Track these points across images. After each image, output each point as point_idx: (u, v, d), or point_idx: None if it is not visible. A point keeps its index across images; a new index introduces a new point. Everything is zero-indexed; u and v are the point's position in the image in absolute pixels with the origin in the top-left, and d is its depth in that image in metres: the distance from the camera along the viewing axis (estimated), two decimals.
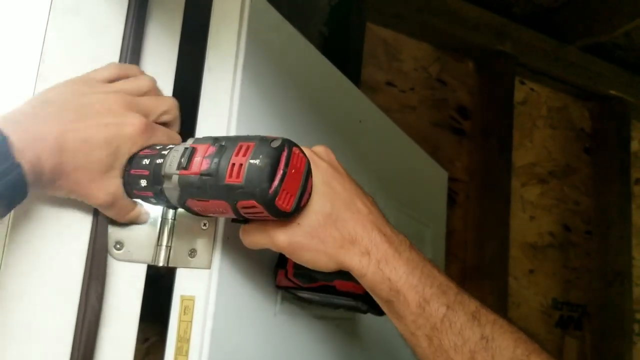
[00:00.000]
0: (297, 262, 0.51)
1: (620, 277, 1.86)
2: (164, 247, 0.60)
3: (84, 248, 0.56)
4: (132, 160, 0.53)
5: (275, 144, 0.46)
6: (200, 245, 0.60)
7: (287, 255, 0.51)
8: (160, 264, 0.60)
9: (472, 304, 0.47)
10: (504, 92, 1.75)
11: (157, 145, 0.54)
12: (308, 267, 0.51)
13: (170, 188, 0.51)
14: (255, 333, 0.65)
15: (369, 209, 0.51)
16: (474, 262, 1.61)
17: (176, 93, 0.66)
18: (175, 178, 0.50)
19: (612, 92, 1.95)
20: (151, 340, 0.90)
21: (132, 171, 0.53)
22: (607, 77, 1.94)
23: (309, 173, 0.48)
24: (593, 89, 1.93)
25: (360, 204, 0.51)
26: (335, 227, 0.49)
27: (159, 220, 0.61)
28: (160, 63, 0.65)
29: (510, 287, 1.68)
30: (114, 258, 0.58)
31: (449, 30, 1.66)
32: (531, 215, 1.81)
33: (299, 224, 0.49)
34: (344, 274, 0.51)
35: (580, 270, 1.88)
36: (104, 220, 0.58)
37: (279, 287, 0.65)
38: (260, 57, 0.68)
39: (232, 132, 0.63)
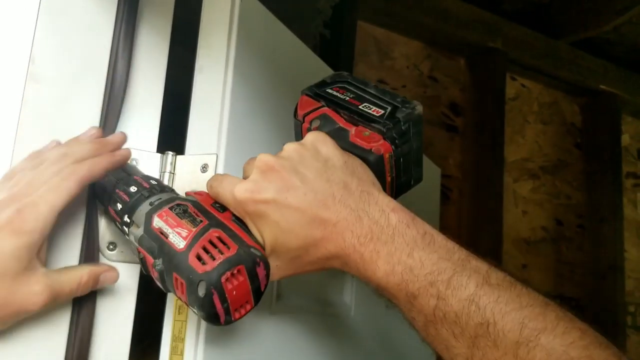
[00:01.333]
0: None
1: (612, 271, 1.87)
2: None
3: (77, 248, 0.56)
4: (123, 179, 0.54)
5: (202, 291, 0.43)
6: None
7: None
8: None
9: (471, 284, 0.42)
10: (496, 89, 1.75)
11: (153, 180, 0.55)
12: None
13: (134, 234, 0.50)
14: (251, 331, 0.65)
15: (337, 213, 0.47)
16: None
17: (167, 94, 0.67)
18: (139, 233, 0.49)
19: (602, 87, 1.96)
20: (146, 342, 0.90)
21: (118, 191, 0.53)
22: (597, 72, 1.95)
23: (252, 268, 0.45)
24: (583, 84, 1.94)
25: (325, 213, 0.47)
26: (308, 255, 0.48)
27: None
28: (151, 63, 0.66)
29: None
30: (107, 259, 0.58)
31: (440, 27, 1.66)
32: (523, 211, 1.82)
33: (277, 265, 0.49)
34: None
35: (573, 264, 1.89)
36: (96, 221, 0.58)
37: None
38: (251, 57, 0.68)
39: (224, 134, 0.63)
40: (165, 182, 0.63)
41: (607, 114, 1.99)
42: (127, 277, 0.59)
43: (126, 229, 0.51)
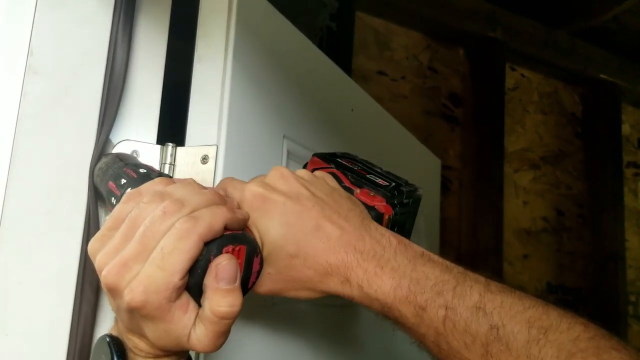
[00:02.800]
0: (287, 297, 0.50)
1: (613, 260, 1.87)
2: None
3: (78, 241, 0.56)
4: (115, 171, 0.52)
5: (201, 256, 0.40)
6: None
7: (274, 294, 0.49)
8: None
9: (475, 293, 0.43)
10: (495, 79, 1.75)
11: (142, 168, 0.52)
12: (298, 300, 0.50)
13: None
14: (253, 323, 0.65)
15: (341, 228, 0.47)
16: (468, 249, 1.61)
17: (166, 84, 0.66)
18: None
19: (602, 76, 1.95)
20: None
21: (111, 184, 0.51)
22: (597, 61, 1.94)
23: (251, 255, 0.44)
24: (583, 73, 1.94)
25: (330, 226, 0.47)
26: (306, 265, 0.47)
27: None
28: (150, 54, 0.65)
29: (505, 272, 1.69)
30: None
31: (439, 18, 1.65)
32: (524, 201, 1.82)
33: (269, 273, 0.47)
34: None
35: (574, 254, 1.89)
36: (96, 221, 0.57)
37: None
38: (250, 46, 0.68)
39: (224, 125, 0.62)
40: (165, 173, 0.62)
41: (608, 103, 1.99)
42: None
43: None
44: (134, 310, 0.38)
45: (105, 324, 0.56)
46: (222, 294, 0.40)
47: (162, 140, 0.64)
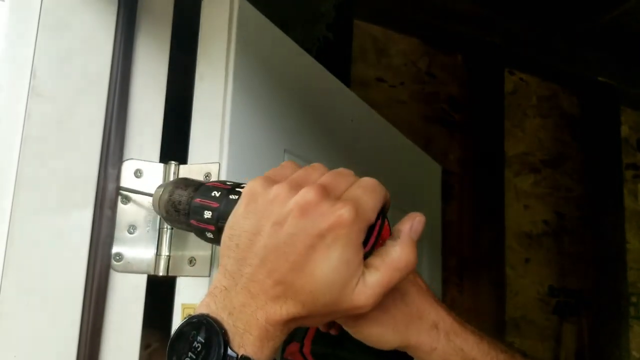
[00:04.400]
0: (357, 336, 0.45)
1: (614, 262, 1.87)
2: (163, 257, 0.61)
3: (84, 260, 0.57)
4: (199, 189, 0.50)
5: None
6: (199, 253, 0.60)
7: (348, 325, 0.45)
8: (160, 274, 0.61)
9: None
10: (494, 83, 1.76)
11: (228, 181, 0.51)
12: (367, 343, 0.45)
13: None
14: None
15: (427, 286, 0.49)
16: (470, 254, 1.62)
17: (169, 103, 0.67)
18: None
19: (601, 78, 1.96)
20: (153, 346, 0.91)
21: (197, 199, 0.49)
22: (595, 64, 1.95)
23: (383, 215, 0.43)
24: (581, 76, 1.94)
25: (420, 281, 0.49)
26: (404, 301, 0.46)
27: (157, 230, 0.62)
28: (151, 74, 0.66)
29: (507, 276, 1.69)
30: (114, 270, 0.59)
31: (436, 23, 1.66)
32: (525, 205, 1.83)
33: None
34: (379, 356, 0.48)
35: (575, 256, 1.90)
36: (102, 232, 0.58)
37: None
38: (250, 63, 0.69)
39: (226, 142, 0.63)
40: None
41: (606, 105, 1.99)
42: (135, 287, 0.60)
43: None
44: (338, 227, 0.37)
45: (111, 341, 0.57)
46: (412, 244, 0.41)
47: (165, 158, 0.65)
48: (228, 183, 0.49)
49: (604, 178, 1.93)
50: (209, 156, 0.63)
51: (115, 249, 0.59)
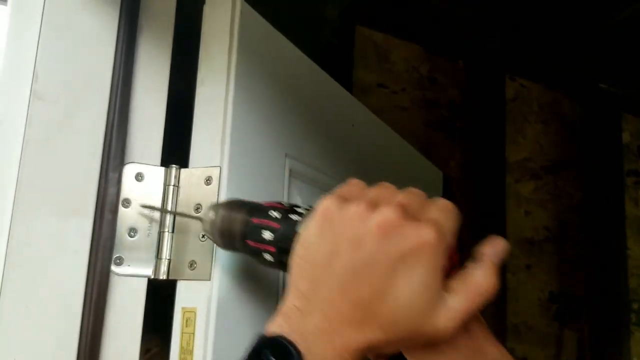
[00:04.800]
0: None
1: (615, 268, 1.87)
2: (164, 260, 0.61)
3: (84, 264, 0.57)
4: (255, 209, 0.50)
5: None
6: (200, 256, 0.60)
7: (415, 355, 0.43)
8: (161, 277, 0.61)
9: None
10: (495, 89, 1.76)
11: (283, 202, 0.50)
12: None
13: None
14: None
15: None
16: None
17: (170, 105, 0.67)
18: None
19: (602, 85, 1.96)
20: (153, 351, 0.90)
21: (255, 220, 0.48)
22: (597, 70, 1.95)
23: None
24: (583, 83, 1.94)
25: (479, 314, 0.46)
26: (468, 334, 0.43)
27: (158, 234, 0.62)
28: (153, 77, 0.66)
29: (508, 282, 1.69)
30: (114, 273, 0.59)
31: (437, 30, 1.67)
32: (526, 211, 1.83)
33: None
34: None
35: (576, 262, 1.89)
36: (102, 235, 0.58)
37: None
38: (252, 68, 0.69)
39: (227, 146, 0.63)
40: (170, 195, 0.63)
41: (607, 112, 1.99)
42: (135, 290, 0.59)
43: (284, 256, 0.45)
44: (421, 248, 0.36)
45: (111, 344, 0.57)
46: (495, 269, 0.39)
47: (166, 162, 0.65)
48: (284, 204, 0.49)
49: (605, 184, 1.93)
50: (210, 160, 0.63)
51: (115, 253, 0.59)
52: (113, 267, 0.59)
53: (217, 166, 0.63)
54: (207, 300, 0.58)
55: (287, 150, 0.76)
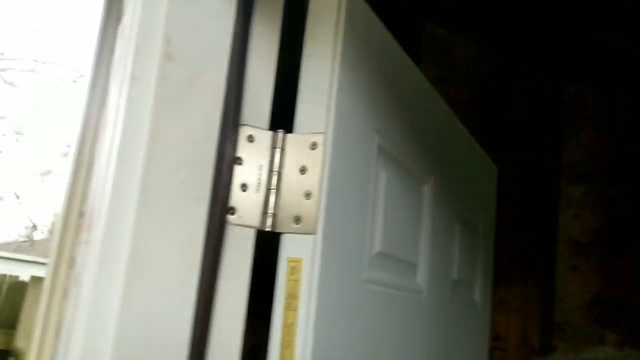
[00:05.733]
0: None
1: None
2: (270, 215, 0.67)
3: (205, 211, 0.63)
4: None
5: None
6: (305, 213, 0.66)
7: None
8: (267, 229, 0.66)
9: None
10: (552, 93, 1.78)
11: None
12: None
13: None
14: (351, 292, 0.71)
15: None
16: (521, 257, 1.64)
17: (277, 74, 0.73)
18: None
19: None
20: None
21: None
22: None
23: None
24: (636, 87, 1.95)
25: None
26: None
27: (266, 190, 0.67)
28: (265, 47, 0.72)
29: (555, 282, 1.71)
30: (229, 222, 0.64)
31: (499, 32, 1.70)
32: (576, 213, 1.84)
33: None
34: None
35: (621, 267, 1.90)
36: (220, 188, 0.64)
37: None
38: (355, 46, 0.74)
39: (332, 114, 0.68)
40: (277, 157, 0.69)
41: None
42: (245, 239, 0.65)
43: None
44: None
45: (223, 283, 0.62)
46: None
47: (273, 127, 0.70)
48: None
49: None
50: (315, 127, 0.69)
51: (230, 203, 0.65)
52: (228, 217, 0.64)
53: (323, 133, 0.68)
54: (312, 251, 0.64)
55: (377, 127, 0.81)
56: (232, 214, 0.65)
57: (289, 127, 0.71)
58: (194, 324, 0.59)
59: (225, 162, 0.65)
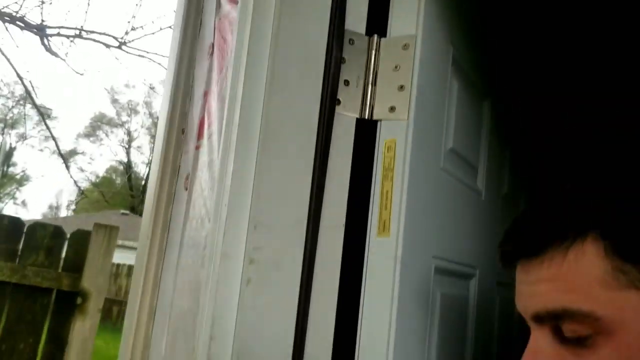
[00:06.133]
0: None
1: None
2: (368, 105, 0.80)
3: (317, 100, 0.76)
4: None
5: None
6: (399, 102, 0.78)
7: None
8: (366, 117, 0.79)
9: None
10: None
11: None
12: None
13: None
14: (432, 174, 0.85)
15: None
16: None
17: None
18: None
19: None
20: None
21: None
22: None
23: None
24: None
25: None
26: None
27: (363, 84, 0.80)
28: None
29: None
30: (336, 112, 0.78)
31: None
32: None
33: None
34: None
35: None
36: (330, 82, 0.77)
37: None
38: None
39: (421, 17, 0.80)
40: (373, 56, 0.81)
41: None
42: (348, 125, 0.79)
43: None
44: None
45: (332, 161, 0.76)
46: None
47: (369, 31, 0.82)
48: None
49: None
50: (407, 30, 0.81)
51: (337, 96, 0.78)
52: (336, 106, 0.78)
53: (414, 35, 0.80)
54: (404, 133, 0.77)
55: (452, 39, 0.92)
56: (339, 104, 0.78)
57: (382, 33, 0.83)
58: (311, 186, 0.74)
59: (333, 60, 0.78)
